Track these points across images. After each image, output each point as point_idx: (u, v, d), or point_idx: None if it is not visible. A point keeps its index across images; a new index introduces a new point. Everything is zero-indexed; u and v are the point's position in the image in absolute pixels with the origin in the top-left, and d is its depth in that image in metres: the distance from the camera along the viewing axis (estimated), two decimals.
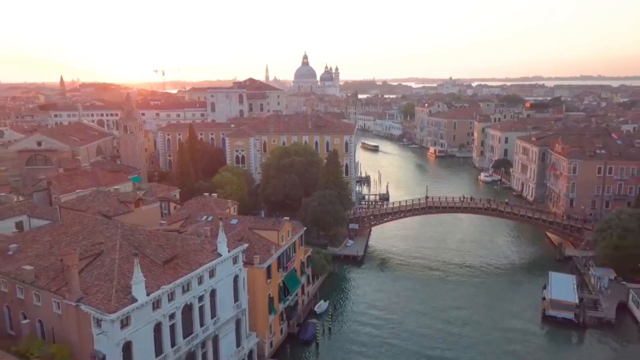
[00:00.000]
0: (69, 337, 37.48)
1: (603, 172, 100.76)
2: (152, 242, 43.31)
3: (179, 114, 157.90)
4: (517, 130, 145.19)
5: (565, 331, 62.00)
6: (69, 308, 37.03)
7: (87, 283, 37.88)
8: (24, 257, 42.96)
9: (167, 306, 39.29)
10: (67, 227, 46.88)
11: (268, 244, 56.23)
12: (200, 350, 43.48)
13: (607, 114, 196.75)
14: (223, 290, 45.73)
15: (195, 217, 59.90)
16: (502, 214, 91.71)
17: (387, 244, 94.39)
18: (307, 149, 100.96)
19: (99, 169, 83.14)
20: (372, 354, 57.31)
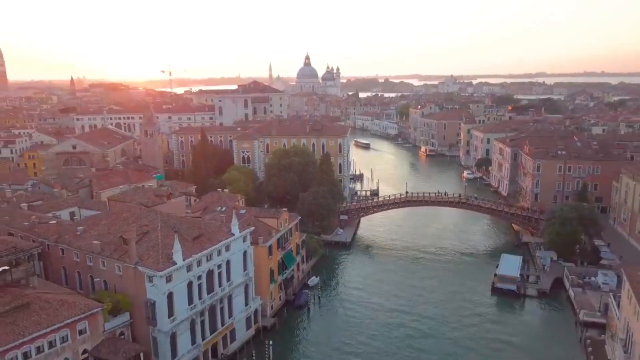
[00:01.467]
0: (128, 290, 52.82)
1: (563, 171, 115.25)
2: (183, 224, 58.56)
3: (190, 117, 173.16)
4: (497, 132, 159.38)
5: (509, 300, 76.95)
6: (127, 269, 52.38)
7: (139, 253, 53.14)
8: (89, 236, 58.26)
9: (196, 270, 54.60)
10: (118, 214, 62.27)
11: (269, 229, 71.41)
12: (219, 304, 58.81)
13: (582, 116, 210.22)
14: (235, 261, 60.99)
15: (212, 208, 75.04)
16: (470, 206, 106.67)
17: (373, 233, 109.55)
18: (305, 150, 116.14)
19: (128, 169, 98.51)
20: (353, 315, 72.51)
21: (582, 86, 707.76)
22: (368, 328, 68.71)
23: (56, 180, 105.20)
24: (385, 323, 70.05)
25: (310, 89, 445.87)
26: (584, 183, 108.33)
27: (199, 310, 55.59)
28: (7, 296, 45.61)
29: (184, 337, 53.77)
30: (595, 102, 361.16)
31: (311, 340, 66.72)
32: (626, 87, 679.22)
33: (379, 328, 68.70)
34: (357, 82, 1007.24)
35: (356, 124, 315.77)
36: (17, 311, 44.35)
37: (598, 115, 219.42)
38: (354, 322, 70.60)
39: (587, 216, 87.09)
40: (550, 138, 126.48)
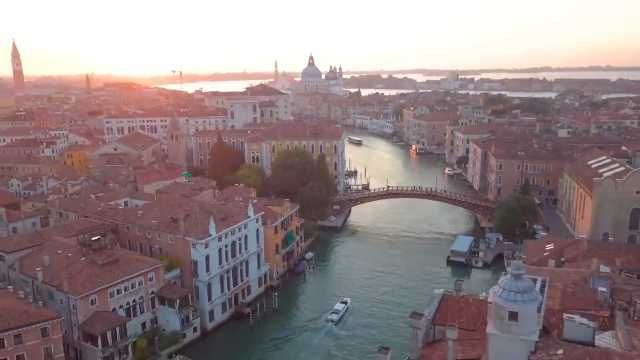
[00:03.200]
0: (177, 254, 76.32)
1: (521, 169, 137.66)
2: (214, 209, 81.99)
3: (205, 120, 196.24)
4: (475, 133, 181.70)
5: (459, 269, 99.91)
6: (177, 239, 75.93)
7: (185, 228, 76.54)
8: (147, 217, 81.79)
9: (224, 240, 78.07)
10: (165, 202, 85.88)
11: (275, 214, 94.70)
12: (239, 266, 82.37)
13: (556, 117, 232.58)
14: (251, 236, 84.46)
15: (231, 198, 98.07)
16: (440, 198, 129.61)
17: (360, 220, 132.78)
18: (304, 152, 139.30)
19: (161, 167, 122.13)
20: (339, 279, 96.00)
21: (581, 83, 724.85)
22: (350, 286, 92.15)
23: (100, 177, 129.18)
24: (364, 283, 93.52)
25: (313, 88, 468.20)
26: (526, 179, 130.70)
27: (226, 269, 79.15)
28: (103, 255, 69.18)
29: (216, 287, 77.40)
30: (585, 100, 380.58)
31: (306, 295, 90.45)
32: (624, 84, 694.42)
33: (358, 286, 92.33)
34: (361, 78, 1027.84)
35: (356, 123, 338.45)
36: (111, 264, 67.96)
37: (575, 116, 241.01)
38: (339, 283, 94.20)
39: (526, 206, 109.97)
40: (513, 141, 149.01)
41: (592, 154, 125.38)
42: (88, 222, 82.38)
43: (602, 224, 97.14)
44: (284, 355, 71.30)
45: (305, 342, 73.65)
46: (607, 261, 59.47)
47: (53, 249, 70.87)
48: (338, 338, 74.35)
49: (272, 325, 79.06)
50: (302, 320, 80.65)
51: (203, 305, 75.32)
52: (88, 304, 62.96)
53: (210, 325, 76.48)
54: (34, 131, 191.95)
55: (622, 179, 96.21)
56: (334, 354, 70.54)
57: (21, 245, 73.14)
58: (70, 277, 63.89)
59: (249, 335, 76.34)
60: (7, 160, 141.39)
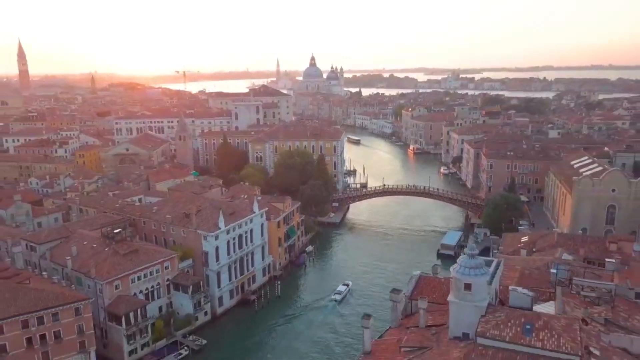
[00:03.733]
0: (190, 245, 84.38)
1: (510, 168, 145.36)
2: (222, 205, 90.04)
3: (210, 121, 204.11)
4: (470, 134, 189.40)
5: (448, 261, 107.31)
6: (190, 232, 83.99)
7: (196, 222, 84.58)
8: (161, 213, 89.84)
9: (232, 233, 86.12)
10: (177, 198, 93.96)
11: (278, 210, 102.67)
12: (245, 257, 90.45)
13: (549, 117, 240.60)
14: (256, 230, 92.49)
15: (237, 195, 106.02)
16: (432, 196, 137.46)
17: (358, 216, 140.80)
18: (305, 152, 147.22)
19: (170, 167, 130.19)
20: (337, 270, 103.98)
21: (580, 82, 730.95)
22: (349, 275, 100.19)
23: (114, 176, 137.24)
24: (361, 272, 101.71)
25: (315, 88, 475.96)
26: (513, 178, 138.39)
27: (234, 259, 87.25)
28: (124, 246, 77.28)
29: (224, 275, 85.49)
30: (581, 101, 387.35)
31: (307, 284, 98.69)
32: (623, 84, 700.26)
33: (356, 274, 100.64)
34: (362, 77, 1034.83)
35: (356, 123, 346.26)
36: (132, 254, 76.08)
37: (568, 117, 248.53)
38: (338, 273, 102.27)
39: (512, 203, 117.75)
40: (504, 141, 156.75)
41: (576, 154, 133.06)
42: (108, 217, 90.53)
43: (580, 219, 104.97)
44: (291, 331, 79.73)
45: (311, 319, 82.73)
46: (572, 251, 67.17)
47: (79, 240, 79.03)
48: (342, 315, 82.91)
49: (276, 310, 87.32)
50: (304, 304, 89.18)
51: (213, 291, 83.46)
52: (113, 288, 71.10)
53: (220, 310, 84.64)
54: (46, 132, 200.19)
55: (599, 178, 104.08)
56: (339, 330, 78.90)
57: (50, 237, 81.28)
58: (97, 265, 72.04)
59: (255, 318, 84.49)
60: (24, 159, 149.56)
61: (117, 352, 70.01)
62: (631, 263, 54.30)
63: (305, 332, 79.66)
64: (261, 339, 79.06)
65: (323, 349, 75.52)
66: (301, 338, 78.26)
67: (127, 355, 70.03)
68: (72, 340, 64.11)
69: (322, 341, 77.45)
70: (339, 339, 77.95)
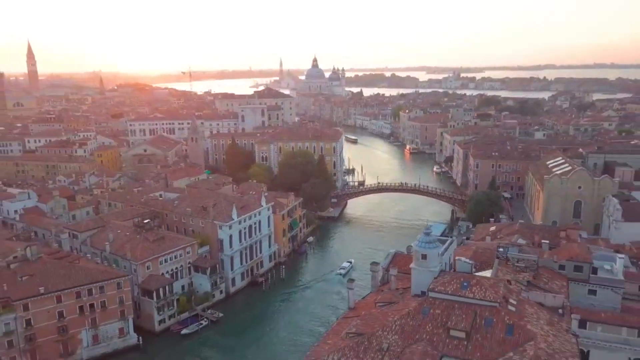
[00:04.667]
0: (207, 234, 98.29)
1: (495, 167, 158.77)
2: (234, 200, 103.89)
3: (218, 123, 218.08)
4: (461, 135, 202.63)
5: None
6: (207, 223, 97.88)
7: (213, 214, 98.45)
8: (181, 206, 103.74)
9: (243, 224, 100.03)
10: (195, 194, 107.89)
11: (282, 205, 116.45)
12: (254, 245, 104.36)
13: (540, 118, 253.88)
14: (263, 221, 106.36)
15: (246, 192, 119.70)
16: (422, 192, 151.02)
17: (355, 211, 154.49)
18: (307, 153, 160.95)
19: (186, 166, 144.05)
20: (335, 257, 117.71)
21: (579, 82, 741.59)
22: (346, 260, 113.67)
23: (133, 174, 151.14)
24: (357, 257, 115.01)
25: (317, 89, 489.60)
26: (494, 177, 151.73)
27: (244, 246, 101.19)
28: (152, 234, 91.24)
29: (237, 260, 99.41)
30: (576, 101, 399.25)
31: (308, 269, 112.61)
32: (622, 83, 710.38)
33: (353, 257, 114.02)
34: (364, 77, 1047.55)
35: (356, 123, 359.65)
36: (159, 240, 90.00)
37: (557, 118, 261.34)
38: (336, 259, 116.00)
39: (492, 199, 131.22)
40: (490, 143, 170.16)
41: (552, 154, 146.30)
42: (135, 210, 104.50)
43: (551, 213, 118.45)
44: (292, 308, 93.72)
45: (310, 298, 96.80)
46: (528, 237, 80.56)
47: (114, 229, 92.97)
48: (338, 292, 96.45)
49: (281, 290, 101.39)
50: (305, 286, 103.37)
51: (227, 273, 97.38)
52: (145, 268, 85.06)
53: (233, 289, 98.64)
54: (65, 133, 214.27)
55: (567, 177, 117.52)
56: (345, 295, 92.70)
57: (89, 226, 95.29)
58: (131, 249, 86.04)
59: (262, 297, 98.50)
60: (50, 159, 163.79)
61: (149, 321, 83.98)
62: (561, 244, 67.76)
63: (305, 308, 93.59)
64: (268, 314, 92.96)
65: (320, 320, 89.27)
66: (301, 313, 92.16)
67: (157, 323, 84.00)
68: (114, 309, 78.12)
69: (318, 314, 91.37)
70: (336, 312, 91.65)
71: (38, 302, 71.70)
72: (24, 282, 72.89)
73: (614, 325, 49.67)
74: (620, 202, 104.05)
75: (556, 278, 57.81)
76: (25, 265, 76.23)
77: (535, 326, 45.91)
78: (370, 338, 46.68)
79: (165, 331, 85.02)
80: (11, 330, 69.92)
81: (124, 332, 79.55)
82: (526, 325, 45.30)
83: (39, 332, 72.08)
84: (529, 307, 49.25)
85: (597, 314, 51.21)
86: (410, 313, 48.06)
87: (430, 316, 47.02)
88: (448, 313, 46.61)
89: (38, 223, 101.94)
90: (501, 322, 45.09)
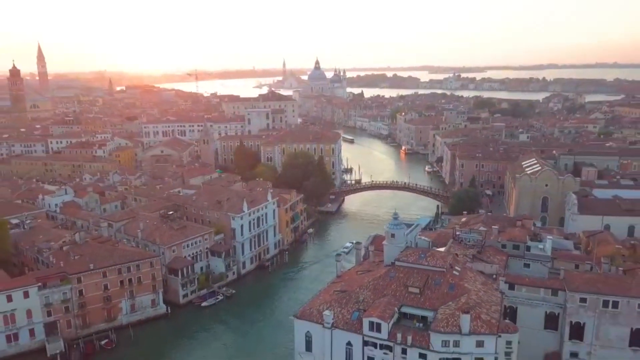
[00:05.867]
0: (222, 224, 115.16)
1: (478, 167, 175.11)
2: (245, 195, 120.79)
3: (226, 125, 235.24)
4: (451, 137, 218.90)
5: None
6: (222, 214, 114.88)
7: (226, 207, 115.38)
8: (199, 200, 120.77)
9: (252, 215, 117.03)
10: (210, 190, 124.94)
11: (286, 200, 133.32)
12: (262, 234, 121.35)
13: (529, 120, 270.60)
14: (269, 214, 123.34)
15: (254, 188, 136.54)
16: (411, 189, 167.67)
17: (351, 206, 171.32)
18: (307, 154, 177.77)
19: (199, 166, 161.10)
20: (331, 246, 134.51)
21: (577, 83, 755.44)
22: (339, 248, 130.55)
23: (152, 173, 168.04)
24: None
25: (319, 90, 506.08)
26: (473, 176, 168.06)
27: (253, 235, 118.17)
28: (177, 223, 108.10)
29: (247, 246, 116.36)
30: (569, 103, 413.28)
31: (308, 255, 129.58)
32: (619, 84, 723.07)
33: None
34: (366, 77, 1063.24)
35: (356, 125, 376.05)
36: (182, 228, 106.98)
37: (546, 120, 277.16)
38: (331, 247, 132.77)
39: (472, 196, 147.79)
40: (475, 145, 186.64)
41: (528, 156, 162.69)
42: (159, 203, 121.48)
43: (522, 208, 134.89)
44: (294, 286, 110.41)
45: (316, 270, 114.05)
46: (487, 225, 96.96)
47: (143, 219, 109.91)
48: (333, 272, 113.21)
49: (284, 273, 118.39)
50: (304, 269, 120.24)
51: (238, 257, 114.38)
52: (171, 251, 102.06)
53: (243, 271, 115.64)
54: (84, 135, 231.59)
55: (535, 176, 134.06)
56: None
57: (122, 217, 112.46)
58: (159, 235, 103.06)
59: (269, 278, 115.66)
60: (76, 159, 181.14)
61: (175, 295, 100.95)
62: (507, 230, 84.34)
63: (305, 286, 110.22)
64: (273, 291, 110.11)
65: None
66: (301, 289, 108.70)
67: (181, 297, 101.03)
68: (148, 284, 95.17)
69: (315, 289, 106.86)
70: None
71: (88, 276, 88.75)
72: (76, 260, 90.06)
73: (533, 286, 66.26)
74: (578, 198, 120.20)
75: (498, 254, 74.61)
76: (75, 247, 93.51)
77: (471, 285, 62.76)
78: (351, 294, 63.67)
79: (188, 304, 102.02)
80: (68, 299, 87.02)
81: (155, 303, 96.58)
82: (464, 284, 62.18)
83: (88, 301, 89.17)
84: (470, 273, 66.10)
85: (521, 279, 67.89)
86: (381, 277, 65.09)
87: (395, 279, 63.98)
88: (408, 276, 63.54)
89: (76, 214, 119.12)
90: (446, 282, 62.00)
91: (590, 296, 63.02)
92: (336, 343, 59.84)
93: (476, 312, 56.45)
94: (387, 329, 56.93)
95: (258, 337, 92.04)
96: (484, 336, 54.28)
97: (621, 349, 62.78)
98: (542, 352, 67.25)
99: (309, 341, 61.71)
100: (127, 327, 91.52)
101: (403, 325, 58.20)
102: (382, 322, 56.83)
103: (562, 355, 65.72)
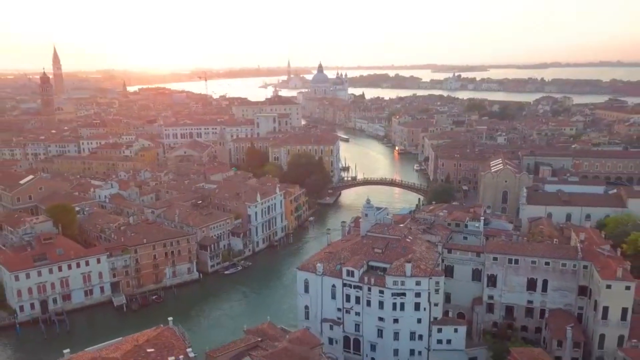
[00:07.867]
0: (239, 211, 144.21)
1: (457, 166, 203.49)
2: (258, 188, 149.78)
3: (237, 128, 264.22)
4: (438, 139, 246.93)
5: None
6: (240, 203, 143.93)
7: (244, 198, 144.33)
8: (221, 192, 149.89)
9: (264, 205, 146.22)
10: (229, 184, 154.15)
11: (291, 193, 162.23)
12: (271, 220, 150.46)
13: (513, 122, 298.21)
14: (277, 203, 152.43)
15: (265, 183, 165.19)
16: (398, 185, 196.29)
17: (346, 199, 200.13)
18: (309, 154, 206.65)
19: (218, 165, 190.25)
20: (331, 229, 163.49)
21: (573, 83, 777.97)
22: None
23: (176, 171, 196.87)
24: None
25: (322, 92, 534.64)
26: (448, 174, 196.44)
27: (265, 220, 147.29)
28: (204, 210, 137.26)
29: (259, 229, 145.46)
30: (557, 106, 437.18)
31: (310, 237, 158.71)
32: (613, 85, 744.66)
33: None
34: (368, 77, 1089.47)
35: (356, 126, 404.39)
36: (209, 214, 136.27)
37: (527, 123, 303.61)
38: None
39: (446, 191, 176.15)
40: (455, 146, 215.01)
41: (496, 156, 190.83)
42: (188, 195, 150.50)
43: (486, 200, 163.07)
44: (299, 261, 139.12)
45: (316, 248, 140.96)
46: (448, 212, 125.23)
47: (178, 207, 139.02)
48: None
49: (290, 250, 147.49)
50: (307, 248, 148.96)
51: (253, 238, 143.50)
52: (201, 232, 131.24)
53: (257, 249, 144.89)
54: (111, 136, 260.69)
55: (497, 174, 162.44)
56: None
57: (161, 206, 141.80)
58: (192, 219, 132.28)
59: (277, 255, 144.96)
60: (111, 158, 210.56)
61: (204, 266, 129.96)
62: (459, 215, 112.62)
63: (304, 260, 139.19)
64: (281, 264, 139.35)
65: None
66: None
67: (209, 267, 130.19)
68: (185, 255, 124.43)
69: None
70: None
71: (142, 248, 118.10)
72: (132, 236, 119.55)
73: (463, 250, 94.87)
74: (528, 191, 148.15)
75: (443, 229, 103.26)
76: (130, 227, 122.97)
77: (418, 247, 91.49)
78: (335, 254, 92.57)
79: (214, 273, 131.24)
80: (127, 265, 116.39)
81: (190, 271, 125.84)
82: (413, 247, 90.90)
83: (142, 267, 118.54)
84: (419, 240, 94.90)
85: (455, 245, 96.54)
86: (356, 243, 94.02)
87: (366, 244, 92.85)
88: (375, 242, 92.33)
89: (122, 204, 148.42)
90: (400, 246, 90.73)
91: (500, 255, 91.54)
92: (325, 285, 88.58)
93: (417, 263, 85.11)
94: (358, 275, 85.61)
95: (268, 296, 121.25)
96: (421, 278, 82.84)
97: (520, 292, 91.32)
98: (471, 297, 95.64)
99: (306, 285, 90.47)
100: (170, 288, 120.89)
101: (370, 273, 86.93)
102: (355, 270, 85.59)
103: (483, 298, 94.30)
